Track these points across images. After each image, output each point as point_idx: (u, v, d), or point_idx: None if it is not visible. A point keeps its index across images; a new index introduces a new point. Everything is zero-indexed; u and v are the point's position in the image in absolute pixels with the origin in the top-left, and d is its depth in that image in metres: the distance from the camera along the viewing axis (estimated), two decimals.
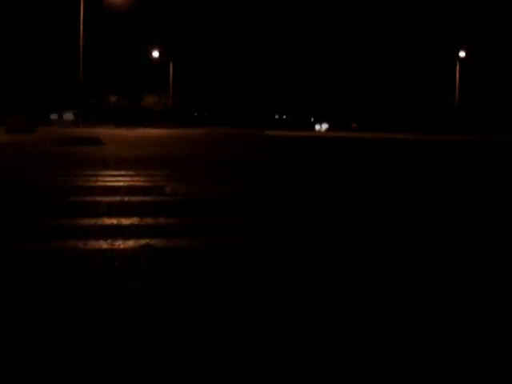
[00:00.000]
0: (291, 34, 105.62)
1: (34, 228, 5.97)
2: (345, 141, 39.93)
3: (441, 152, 26.03)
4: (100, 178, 11.08)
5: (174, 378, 2.67)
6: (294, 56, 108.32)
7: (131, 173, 12.27)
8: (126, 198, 8.35)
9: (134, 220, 6.56)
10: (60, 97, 78.52)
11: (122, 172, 12.38)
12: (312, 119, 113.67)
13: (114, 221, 6.48)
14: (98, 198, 8.29)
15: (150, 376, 2.68)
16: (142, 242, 5.39)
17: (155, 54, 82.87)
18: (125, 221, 6.50)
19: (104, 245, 5.24)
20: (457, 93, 71.91)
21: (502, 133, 62.82)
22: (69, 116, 72.88)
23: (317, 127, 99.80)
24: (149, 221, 6.53)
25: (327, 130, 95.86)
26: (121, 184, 10.20)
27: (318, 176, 12.73)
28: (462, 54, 72.74)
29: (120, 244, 5.29)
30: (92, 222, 6.40)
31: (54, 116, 75.74)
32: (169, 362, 2.82)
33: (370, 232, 6.16)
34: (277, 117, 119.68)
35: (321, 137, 49.90)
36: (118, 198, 8.33)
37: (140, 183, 10.45)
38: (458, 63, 72.01)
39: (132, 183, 10.42)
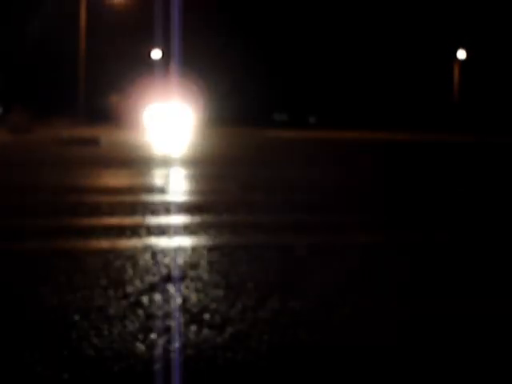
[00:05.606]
0: (291, 34, 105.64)
1: (33, 228, 5.97)
2: (345, 140, 39.84)
3: (442, 151, 25.99)
4: (100, 178, 11.09)
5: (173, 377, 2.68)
6: (293, 56, 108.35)
7: (131, 172, 12.27)
8: (127, 198, 8.36)
9: (134, 220, 6.56)
10: (61, 97, 78.57)
11: (123, 171, 12.39)
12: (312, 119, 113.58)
13: (115, 221, 6.48)
14: (98, 198, 8.29)
15: (149, 376, 2.68)
16: (143, 241, 5.39)
17: (155, 53, 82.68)
18: (125, 221, 6.50)
19: (104, 245, 5.24)
20: (457, 93, 71.87)
21: (502, 133, 62.77)
22: (281, 116, 73.29)
23: None
24: (149, 221, 6.53)
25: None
26: (121, 184, 10.20)
27: (317, 176, 12.71)
28: (462, 54, 72.66)
29: (121, 244, 5.29)
30: (92, 222, 6.40)
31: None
32: (168, 362, 2.83)
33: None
34: (276, 116, 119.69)
35: (321, 136, 49.79)
36: (118, 198, 8.33)
37: (140, 183, 10.45)
38: (458, 63, 71.99)
39: (132, 183, 10.43)
